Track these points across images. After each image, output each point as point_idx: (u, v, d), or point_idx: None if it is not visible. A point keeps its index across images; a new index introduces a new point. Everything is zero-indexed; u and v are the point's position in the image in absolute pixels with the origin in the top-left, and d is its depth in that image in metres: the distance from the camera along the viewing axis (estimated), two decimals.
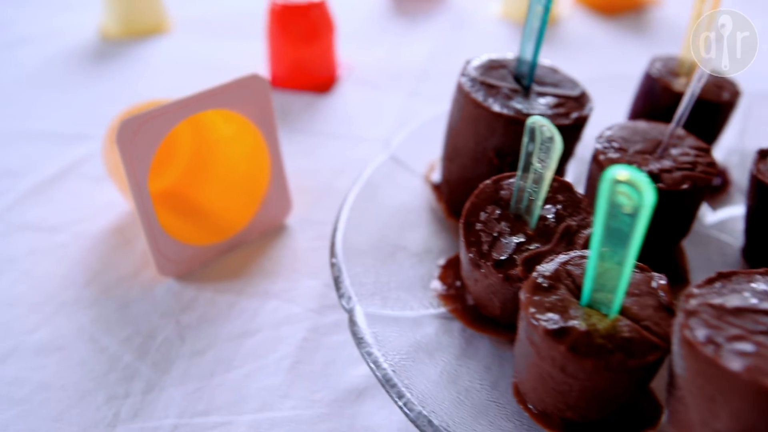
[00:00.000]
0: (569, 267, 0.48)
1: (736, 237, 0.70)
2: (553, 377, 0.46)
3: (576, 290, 0.46)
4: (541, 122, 0.46)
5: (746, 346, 0.39)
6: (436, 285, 0.62)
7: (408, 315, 0.59)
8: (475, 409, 0.51)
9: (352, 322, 0.55)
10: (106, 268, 0.67)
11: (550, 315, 0.45)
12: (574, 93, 0.64)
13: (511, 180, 0.56)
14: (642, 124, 0.63)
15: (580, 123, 0.62)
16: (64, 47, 1.10)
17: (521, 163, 0.51)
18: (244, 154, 0.71)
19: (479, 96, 0.62)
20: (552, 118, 0.61)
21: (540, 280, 0.47)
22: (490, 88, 0.63)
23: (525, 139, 0.49)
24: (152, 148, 0.61)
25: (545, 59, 0.67)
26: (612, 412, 0.48)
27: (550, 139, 0.46)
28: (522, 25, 1.20)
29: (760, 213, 0.62)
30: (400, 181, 0.73)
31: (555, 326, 0.44)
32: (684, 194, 0.57)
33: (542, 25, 0.61)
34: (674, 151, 0.60)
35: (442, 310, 0.60)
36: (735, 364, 0.37)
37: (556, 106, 0.62)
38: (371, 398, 0.55)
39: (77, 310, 0.62)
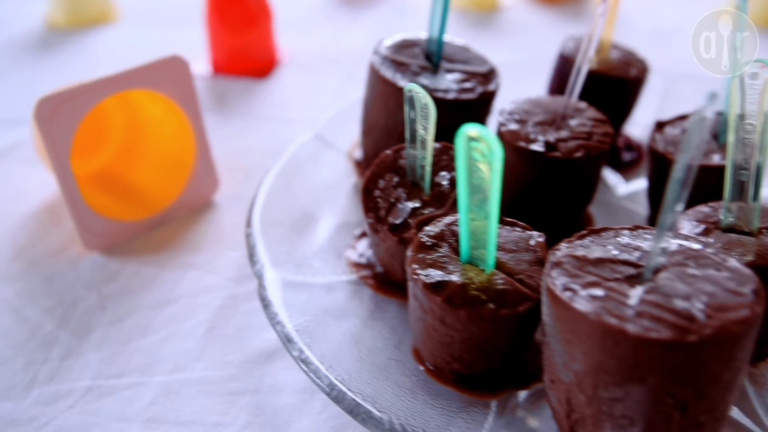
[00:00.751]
0: (454, 227, 0.51)
1: (644, 207, 0.73)
2: (436, 330, 0.49)
3: (458, 248, 0.49)
4: (415, 89, 0.49)
5: (598, 291, 0.42)
6: (350, 253, 0.65)
7: (319, 281, 0.61)
8: (375, 366, 0.54)
9: (261, 287, 0.58)
10: (34, 244, 0.69)
11: (430, 270, 0.48)
12: (482, 69, 0.67)
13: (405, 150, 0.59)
14: (546, 99, 0.66)
15: (486, 97, 0.65)
16: (9, 36, 1.12)
17: (407, 132, 0.54)
18: (171, 134, 0.74)
19: (388, 73, 0.65)
20: (457, 92, 0.64)
21: (424, 239, 0.50)
22: (400, 66, 0.66)
23: (406, 108, 0.52)
24: (72, 126, 0.63)
25: (486, 43, 0.70)
26: (496, 364, 0.50)
27: (426, 105, 0.48)
28: (465, 12, 1.23)
29: (658, 181, 0.65)
30: (324, 158, 0.76)
31: (432, 280, 0.47)
32: (579, 162, 0.60)
33: (445, 4, 0.64)
34: (572, 122, 0.63)
35: (354, 276, 0.62)
36: (585, 307, 0.40)
37: (463, 81, 0.65)
38: (280, 360, 0.58)
39: (2, 283, 0.65)
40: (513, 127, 0.62)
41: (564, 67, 0.75)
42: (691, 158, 0.39)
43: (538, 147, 0.60)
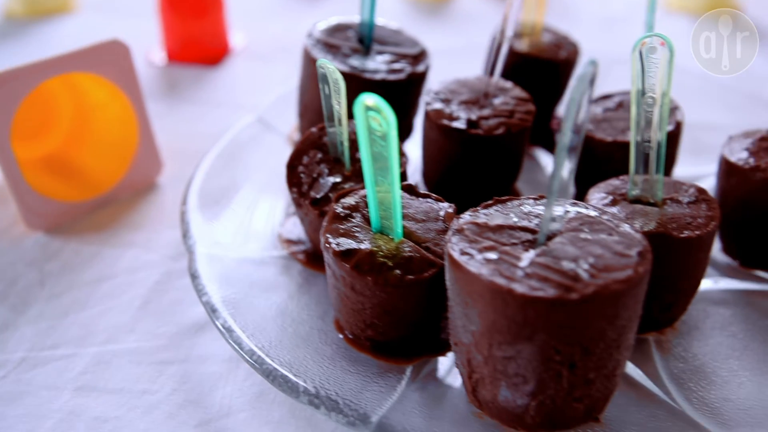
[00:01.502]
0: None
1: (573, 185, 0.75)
2: (348, 297, 0.51)
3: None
4: (326, 65, 0.50)
5: (492, 255, 0.44)
6: (282, 230, 0.66)
7: (251, 257, 0.63)
8: (298, 336, 0.56)
9: (191, 260, 0.59)
10: None
11: (342, 239, 0.50)
12: (413, 51, 0.69)
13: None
14: (473, 79, 0.68)
15: (415, 78, 0.67)
16: None
17: (325, 109, 0.56)
18: (115, 117, 0.75)
19: (319, 55, 0.66)
20: (386, 73, 0.66)
21: (339, 210, 0.52)
22: (332, 48, 0.68)
23: (321, 85, 0.54)
24: (11, 108, 0.64)
25: (438, 31, 0.72)
26: (409, 331, 0.52)
27: (337, 80, 0.50)
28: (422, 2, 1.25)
29: (582, 161, 0.67)
30: (264, 141, 0.77)
31: (342, 248, 0.49)
32: (500, 139, 0.62)
33: None
34: (496, 101, 0.65)
35: (285, 252, 0.64)
36: (478, 269, 0.43)
37: (392, 62, 0.67)
38: (209, 332, 0.60)
39: None
40: (438, 106, 0.64)
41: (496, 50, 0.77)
42: (573, 126, 0.41)
43: (459, 124, 0.62)
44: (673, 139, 0.63)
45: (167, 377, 0.56)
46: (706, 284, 0.63)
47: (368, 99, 0.42)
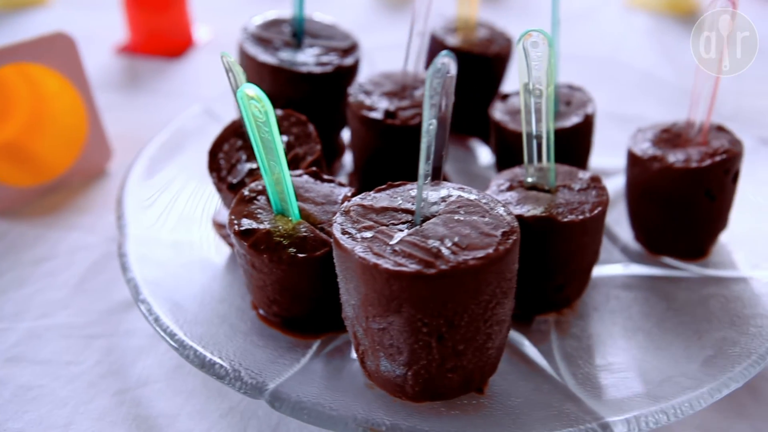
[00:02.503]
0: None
1: None
2: (251, 274, 0.55)
3: None
4: (227, 57, 0.54)
5: (368, 234, 0.47)
6: (215, 215, 0.70)
7: (183, 239, 0.67)
8: (215, 313, 0.59)
9: (121, 241, 0.63)
10: None
11: (244, 220, 0.54)
12: (344, 45, 0.73)
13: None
14: (398, 73, 0.71)
15: (342, 71, 0.70)
16: None
17: (234, 98, 0.59)
18: (66, 107, 0.79)
19: (250, 48, 0.70)
20: (314, 66, 0.69)
21: (246, 193, 0.56)
22: (264, 42, 0.71)
23: (227, 75, 0.57)
24: None
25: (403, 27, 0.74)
26: (311, 307, 0.56)
27: (238, 72, 0.54)
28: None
29: (497, 148, 0.70)
30: (209, 131, 0.81)
31: (243, 228, 0.53)
32: (415, 128, 0.65)
33: None
34: (416, 93, 0.68)
35: (216, 235, 0.68)
36: (352, 246, 0.46)
37: (321, 55, 0.71)
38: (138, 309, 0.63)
39: None
40: (360, 97, 0.67)
41: (433, 46, 0.80)
42: (433, 114, 0.44)
43: (377, 115, 0.65)
44: (584, 130, 0.66)
45: (93, 350, 0.60)
46: (616, 269, 0.66)
47: (248, 89, 0.45)
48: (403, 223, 0.49)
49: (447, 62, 0.43)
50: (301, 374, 0.54)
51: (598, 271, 0.66)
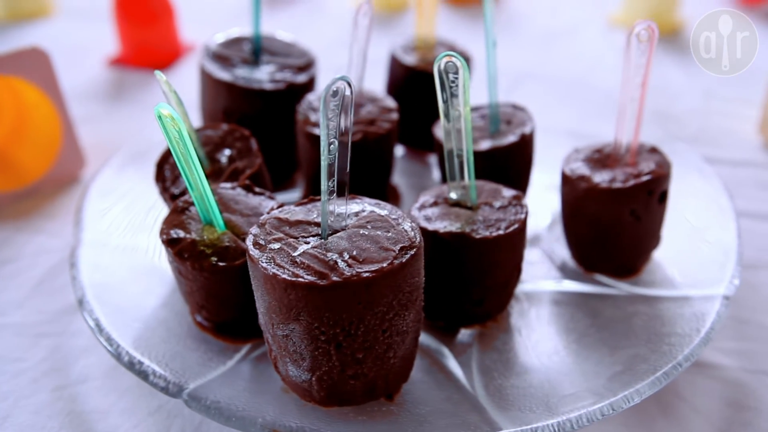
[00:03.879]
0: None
1: None
2: (180, 281, 0.58)
3: None
4: (160, 77, 0.57)
5: (275, 245, 0.50)
6: None
7: (136, 245, 0.70)
8: (156, 317, 0.63)
9: (74, 246, 0.67)
10: None
11: (173, 229, 0.57)
12: (299, 62, 0.76)
13: (203, 131, 0.68)
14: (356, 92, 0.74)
15: (296, 88, 0.74)
16: None
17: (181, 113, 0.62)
18: (44, 117, 0.83)
19: (208, 65, 0.73)
20: (267, 83, 0.72)
21: (180, 203, 0.59)
22: (222, 59, 0.74)
23: (164, 93, 0.60)
24: None
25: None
26: (238, 313, 0.59)
27: (168, 91, 0.57)
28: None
29: (441, 164, 0.72)
30: None
31: (171, 236, 0.56)
32: (357, 145, 0.68)
33: (257, 4, 0.73)
34: (363, 110, 0.71)
35: None
36: (258, 256, 0.49)
37: (276, 72, 0.74)
38: None
39: None
40: (306, 114, 0.70)
41: (393, 66, 0.83)
42: (333, 135, 0.47)
43: (318, 131, 0.68)
44: (520, 149, 0.68)
45: (40, 348, 0.64)
46: (549, 285, 0.68)
47: (163, 108, 0.48)
48: (313, 236, 0.51)
49: (341, 86, 0.46)
50: (224, 377, 0.57)
51: (531, 286, 0.68)
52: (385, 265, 0.48)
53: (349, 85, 0.47)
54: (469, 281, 0.58)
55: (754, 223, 0.77)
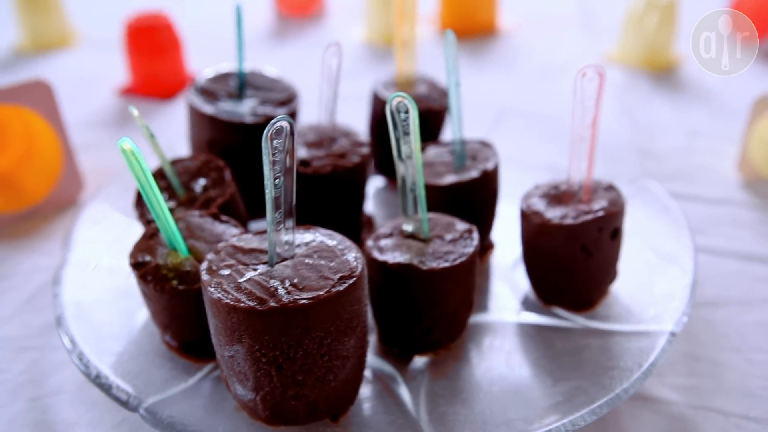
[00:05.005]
0: (179, 222, 0.64)
1: None
2: (147, 303, 0.62)
3: None
4: (132, 112, 0.62)
5: (225, 271, 0.54)
6: None
7: (120, 267, 0.74)
8: (129, 336, 0.67)
9: (60, 265, 0.71)
10: None
11: (142, 253, 0.61)
12: (280, 97, 0.80)
13: (182, 162, 0.72)
14: (325, 124, 0.78)
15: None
16: None
17: (153, 147, 0.67)
18: (47, 143, 0.89)
19: (195, 100, 0.78)
20: (248, 116, 0.77)
21: (150, 229, 0.63)
22: (208, 94, 0.79)
23: (140, 123, 0.65)
24: None
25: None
26: (200, 333, 0.62)
27: (142, 125, 0.62)
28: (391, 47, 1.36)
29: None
30: None
31: (138, 260, 0.60)
32: (326, 177, 0.71)
33: (240, 40, 0.77)
34: (335, 144, 0.74)
35: None
36: (207, 281, 0.52)
37: (258, 106, 0.78)
38: None
39: None
40: None
41: (374, 102, 0.87)
42: (278, 170, 0.51)
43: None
44: (481, 185, 0.71)
45: (21, 361, 0.68)
46: (508, 317, 0.70)
47: (124, 143, 0.53)
48: (263, 263, 0.55)
49: (284, 125, 0.50)
50: (184, 393, 0.60)
51: (491, 317, 0.70)
52: (322, 293, 0.51)
53: (290, 125, 0.50)
54: (418, 310, 0.61)
55: (721, 261, 0.79)
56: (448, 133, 0.92)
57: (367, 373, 0.64)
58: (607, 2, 1.46)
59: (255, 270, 0.54)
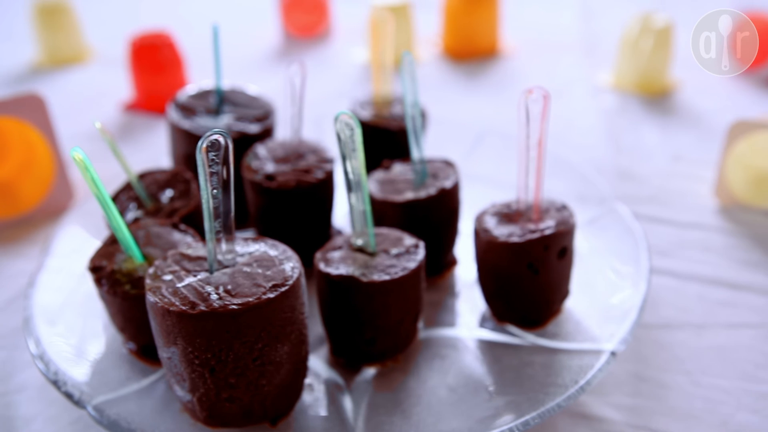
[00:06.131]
0: (140, 231, 0.67)
1: None
2: (105, 307, 0.65)
3: None
4: (97, 126, 0.65)
5: (168, 277, 0.56)
6: None
7: (80, 271, 0.78)
8: (94, 340, 0.70)
9: (36, 269, 0.75)
10: None
11: (100, 259, 0.64)
12: (257, 113, 0.83)
13: (153, 174, 0.75)
14: (296, 141, 0.81)
15: (249, 137, 0.81)
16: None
17: (117, 158, 0.70)
18: (42, 153, 0.94)
19: (172, 115, 0.82)
20: (225, 133, 0.80)
21: (113, 237, 0.66)
22: (187, 110, 0.83)
23: (104, 136, 0.68)
24: None
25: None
26: (152, 337, 0.65)
27: (106, 140, 0.65)
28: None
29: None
30: None
31: (94, 265, 0.63)
32: (290, 191, 0.74)
33: (217, 58, 0.81)
34: (302, 160, 0.77)
35: None
36: (150, 286, 0.55)
37: (233, 122, 0.81)
38: None
39: None
40: (253, 163, 0.77)
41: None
42: (215, 182, 0.53)
43: (257, 177, 0.75)
44: (438, 202, 0.73)
45: None
46: (461, 332, 0.72)
47: (76, 153, 0.56)
48: (205, 270, 0.57)
49: (219, 139, 0.53)
50: (135, 394, 0.63)
51: (446, 332, 0.71)
52: (252, 299, 0.53)
53: (225, 138, 0.53)
54: (361, 321, 0.63)
55: (684, 284, 0.79)
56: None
57: (317, 382, 0.66)
58: (609, 28, 1.46)
59: (195, 276, 0.56)
